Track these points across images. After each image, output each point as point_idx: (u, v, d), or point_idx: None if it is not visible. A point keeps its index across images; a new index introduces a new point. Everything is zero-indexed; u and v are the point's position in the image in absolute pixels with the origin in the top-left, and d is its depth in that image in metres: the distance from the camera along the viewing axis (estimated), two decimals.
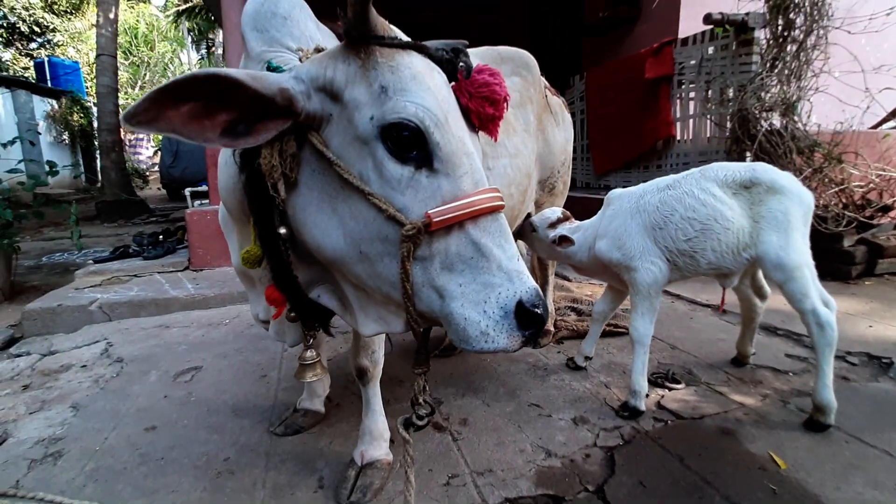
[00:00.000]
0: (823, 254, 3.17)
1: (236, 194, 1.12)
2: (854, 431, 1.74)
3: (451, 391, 2.18)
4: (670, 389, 2.12)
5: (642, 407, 1.91)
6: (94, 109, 12.64)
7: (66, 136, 15.08)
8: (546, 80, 2.46)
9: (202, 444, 1.83)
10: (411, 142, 0.85)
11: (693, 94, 4.50)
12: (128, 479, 1.64)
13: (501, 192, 0.93)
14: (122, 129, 10.04)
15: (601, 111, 5.53)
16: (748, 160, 3.70)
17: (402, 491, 1.03)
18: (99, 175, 11.56)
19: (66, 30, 19.63)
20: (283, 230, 0.99)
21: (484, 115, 0.94)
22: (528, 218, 2.25)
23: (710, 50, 4.21)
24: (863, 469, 1.55)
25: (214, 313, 3.45)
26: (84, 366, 2.63)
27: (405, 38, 0.96)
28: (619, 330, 2.73)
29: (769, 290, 2.17)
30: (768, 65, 3.77)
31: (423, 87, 0.86)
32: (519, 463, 1.67)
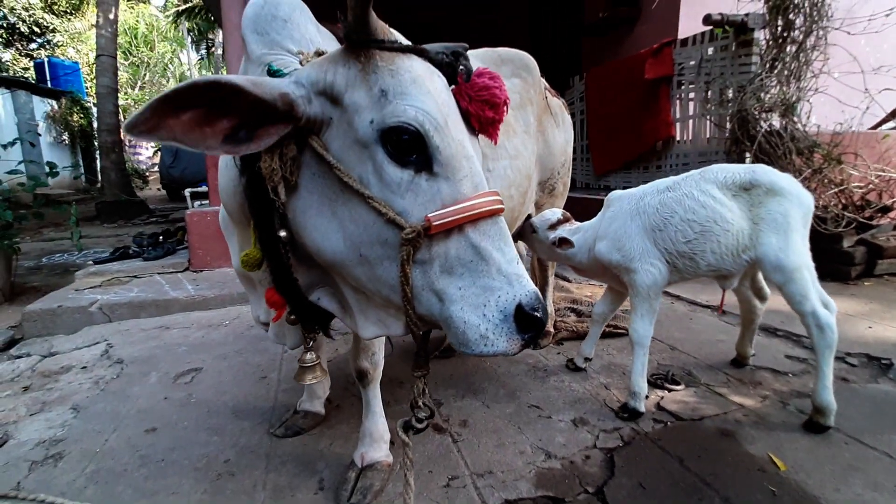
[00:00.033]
0: (823, 254, 3.17)
1: (237, 197, 1.13)
2: (854, 433, 1.74)
3: (451, 392, 2.18)
4: (670, 391, 2.12)
5: (642, 408, 1.91)
6: (94, 110, 12.65)
7: (65, 137, 15.10)
8: (546, 80, 2.46)
9: (202, 446, 1.84)
10: (411, 145, 0.85)
11: (693, 94, 4.50)
12: (128, 481, 1.65)
13: (501, 194, 0.93)
14: (121, 130, 10.04)
15: (601, 111, 5.53)
16: (748, 161, 3.71)
17: (402, 493, 1.03)
18: (99, 175, 11.58)
19: (65, 30, 19.65)
20: (283, 233, 0.99)
21: (484, 119, 0.94)
22: (529, 219, 2.25)
23: (710, 50, 4.21)
24: (862, 471, 1.55)
25: (214, 314, 3.45)
26: (84, 367, 2.63)
27: (405, 42, 0.96)
28: (619, 331, 2.73)
29: (769, 291, 2.17)
30: (768, 65, 3.78)
31: (423, 90, 0.86)
32: (519, 464, 1.67)
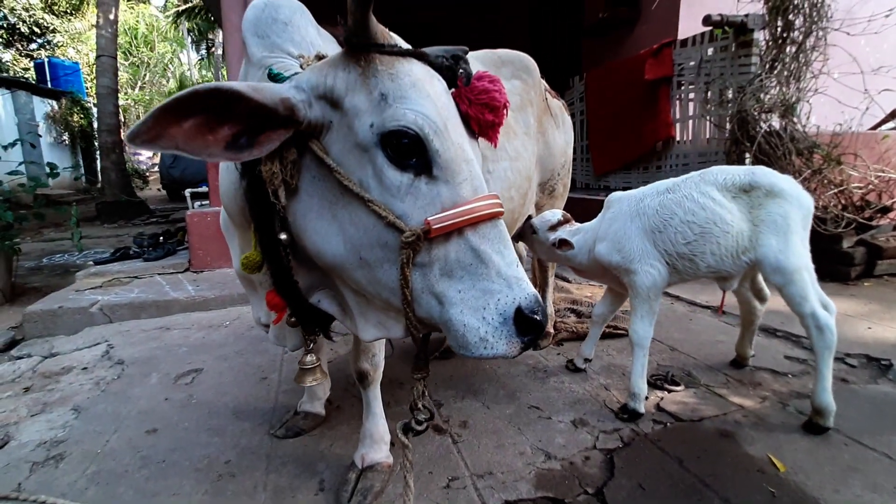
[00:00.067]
0: (823, 255, 3.18)
1: (237, 200, 1.13)
2: (853, 434, 1.74)
3: (451, 393, 2.19)
4: (669, 391, 2.12)
5: (642, 409, 1.91)
6: (94, 110, 12.66)
7: (66, 137, 15.10)
8: (546, 80, 2.46)
9: (203, 447, 1.84)
10: (411, 149, 0.85)
11: (692, 95, 4.51)
12: (129, 482, 1.65)
13: (502, 196, 0.94)
14: (121, 130, 10.06)
15: (601, 112, 5.54)
16: (747, 161, 3.71)
17: (402, 494, 1.04)
18: (99, 176, 11.59)
19: (65, 30, 19.66)
20: (283, 236, 0.99)
21: (483, 122, 0.94)
22: (529, 220, 2.26)
23: (710, 51, 4.22)
24: (862, 472, 1.55)
25: (215, 315, 3.45)
26: (85, 368, 2.63)
27: (405, 46, 0.96)
28: (619, 332, 2.73)
29: (769, 292, 2.18)
30: (767, 66, 3.78)
31: (423, 94, 0.87)
32: (519, 465, 1.67)
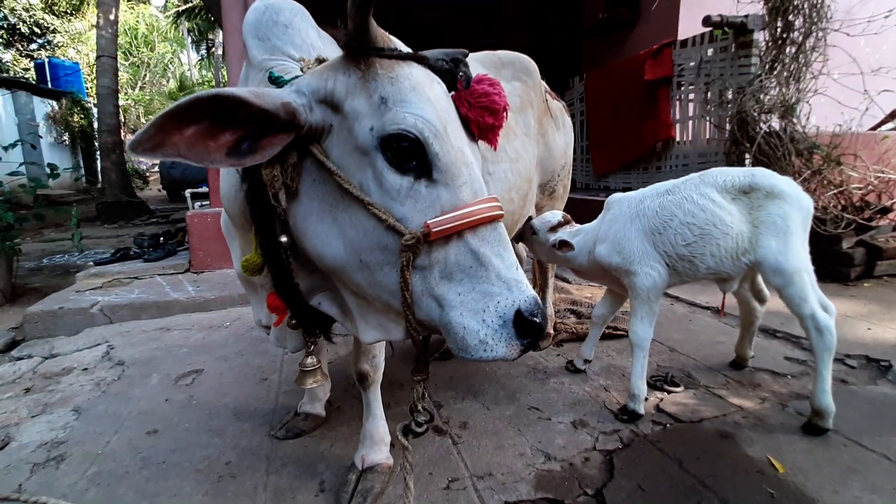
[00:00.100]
0: (822, 256, 3.19)
1: (238, 203, 1.13)
2: (852, 435, 1.75)
3: (451, 394, 2.19)
4: (669, 392, 2.13)
5: (641, 410, 1.92)
6: (95, 111, 12.67)
7: (66, 138, 15.11)
8: (546, 81, 2.46)
9: (203, 448, 1.84)
10: (410, 152, 0.86)
11: (692, 95, 4.51)
12: (130, 483, 1.65)
13: (502, 197, 0.94)
14: (122, 130, 10.07)
15: (601, 113, 5.54)
16: (747, 162, 3.71)
17: (402, 495, 1.04)
18: (99, 176, 11.59)
19: (66, 31, 19.67)
20: (284, 238, 1.00)
21: (483, 125, 0.94)
22: (529, 221, 2.26)
23: (710, 52, 4.22)
24: (861, 473, 1.55)
25: (215, 316, 3.46)
26: (85, 369, 2.63)
27: (405, 49, 0.97)
28: (619, 332, 2.73)
29: (768, 293, 2.18)
30: (767, 67, 3.79)
31: (423, 98, 0.87)
32: (518, 466, 1.68)
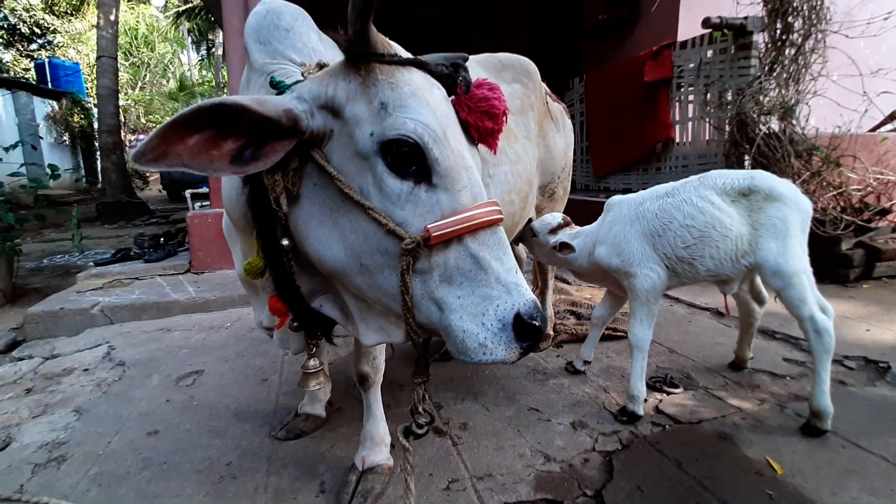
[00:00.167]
0: (821, 257, 3.19)
1: (240, 206, 1.14)
2: (851, 436, 1.75)
3: (451, 395, 2.20)
4: (668, 394, 2.13)
5: (640, 412, 1.92)
6: (95, 111, 12.67)
7: (66, 138, 15.12)
8: (546, 82, 2.47)
9: (204, 449, 1.85)
10: (410, 157, 0.86)
11: (692, 97, 4.52)
12: (131, 484, 1.66)
13: (502, 199, 0.94)
14: (122, 131, 10.08)
15: (600, 114, 5.55)
16: (747, 163, 3.72)
17: (403, 496, 1.05)
18: (99, 176, 11.59)
19: (66, 31, 19.69)
20: (285, 242, 1.00)
21: (483, 129, 0.95)
22: (529, 223, 2.27)
23: (709, 53, 4.23)
24: (859, 474, 1.56)
25: (215, 316, 3.46)
26: (86, 369, 2.64)
27: (405, 55, 0.97)
28: (618, 334, 2.74)
29: (767, 295, 2.19)
30: (767, 68, 3.80)
31: (423, 103, 0.87)
32: (518, 467, 1.68)
